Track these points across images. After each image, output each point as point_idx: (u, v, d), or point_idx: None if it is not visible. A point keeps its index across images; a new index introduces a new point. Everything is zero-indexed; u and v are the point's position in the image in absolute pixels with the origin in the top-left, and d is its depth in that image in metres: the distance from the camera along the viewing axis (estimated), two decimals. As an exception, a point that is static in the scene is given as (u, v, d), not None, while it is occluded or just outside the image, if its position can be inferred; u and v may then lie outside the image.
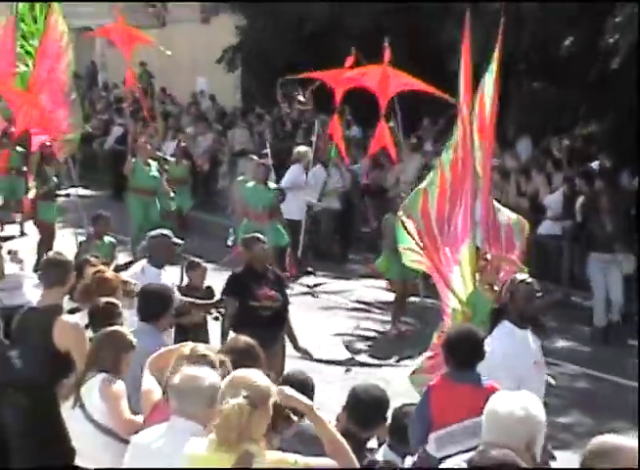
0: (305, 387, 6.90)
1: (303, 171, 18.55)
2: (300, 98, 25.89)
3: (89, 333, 7.54)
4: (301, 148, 19.00)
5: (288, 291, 11.78)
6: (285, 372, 7.59)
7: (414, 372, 9.96)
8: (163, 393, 5.97)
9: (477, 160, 9.89)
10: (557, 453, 8.78)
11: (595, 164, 18.55)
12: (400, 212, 10.40)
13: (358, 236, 20.94)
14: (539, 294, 8.04)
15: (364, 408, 6.42)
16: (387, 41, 17.29)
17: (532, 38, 18.01)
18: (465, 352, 7.03)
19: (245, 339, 7.15)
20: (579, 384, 13.41)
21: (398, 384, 10.74)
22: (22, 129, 16.41)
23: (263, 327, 10.20)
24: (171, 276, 10.46)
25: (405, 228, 10.14)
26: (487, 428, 5.34)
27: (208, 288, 11.63)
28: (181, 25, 37.89)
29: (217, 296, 11.24)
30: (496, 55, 9.89)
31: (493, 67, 9.93)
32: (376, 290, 17.28)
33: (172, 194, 19.18)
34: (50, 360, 7.48)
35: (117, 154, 22.63)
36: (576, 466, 4.99)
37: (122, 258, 15.29)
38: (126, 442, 6.07)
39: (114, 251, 13.12)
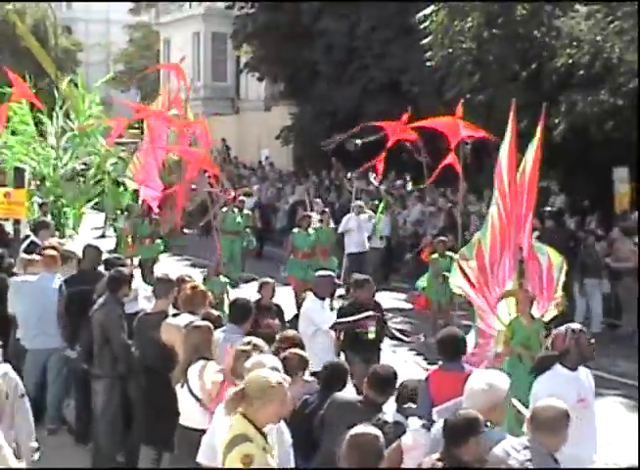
0: (342, 370, 6.93)
1: (355, 219, 17.98)
2: (335, 164, 26.16)
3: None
4: (357, 202, 18.34)
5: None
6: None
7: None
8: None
9: (523, 207, 9.44)
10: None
11: (545, 209, 18.63)
12: (458, 256, 9.96)
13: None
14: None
15: (380, 381, 6.43)
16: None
17: (498, 120, 18.00)
18: (450, 348, 6.92)
19: (294, 332, 7.48)
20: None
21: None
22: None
23: (366, 347, 9.78)
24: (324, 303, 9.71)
25: (461, 269, 9.60)
26: (465, 399, 5.47)
27: (277, 306, 10.08)
28: (250, 112, 38.34)
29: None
30: (538, 134, 9.57)
31: (534, 143, 9.59)
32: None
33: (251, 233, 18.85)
34: (160, 351, 7.47)
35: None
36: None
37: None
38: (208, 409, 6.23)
39: (226, 286, 12.69)
